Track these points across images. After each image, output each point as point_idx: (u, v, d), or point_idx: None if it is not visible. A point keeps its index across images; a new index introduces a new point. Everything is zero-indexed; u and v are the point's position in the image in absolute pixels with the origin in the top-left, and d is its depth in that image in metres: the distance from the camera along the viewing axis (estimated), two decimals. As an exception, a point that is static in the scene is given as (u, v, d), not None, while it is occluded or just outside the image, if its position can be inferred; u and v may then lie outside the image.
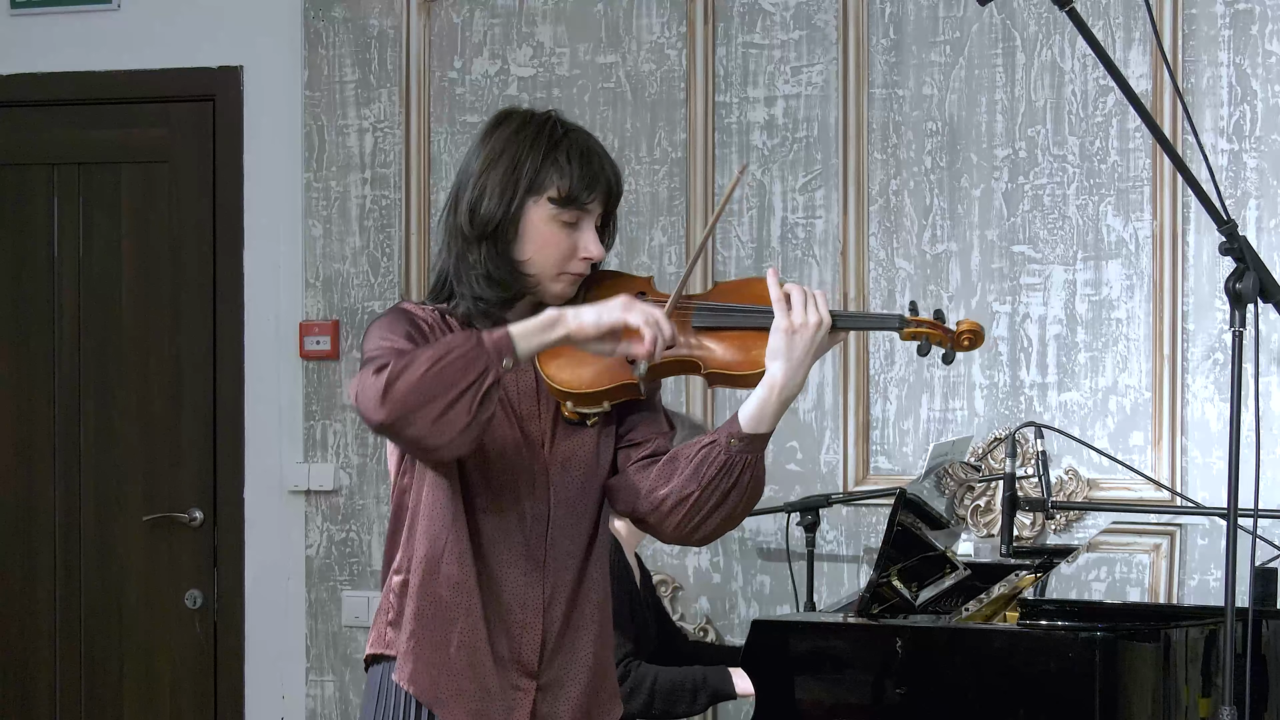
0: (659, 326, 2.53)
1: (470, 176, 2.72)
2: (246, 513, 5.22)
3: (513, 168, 2.68)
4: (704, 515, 2.65)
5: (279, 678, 5.21)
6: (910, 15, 4.76)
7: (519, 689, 2.71)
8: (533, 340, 2.53)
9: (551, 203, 2.67)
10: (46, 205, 5.36)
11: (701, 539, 2.71)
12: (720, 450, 2.61)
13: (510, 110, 2.78)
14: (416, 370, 2.49)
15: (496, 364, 2.49)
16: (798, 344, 2.59)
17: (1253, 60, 4.53)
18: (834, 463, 4.79)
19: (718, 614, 4.89)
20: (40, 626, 5.36)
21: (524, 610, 2.71)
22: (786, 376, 2.59)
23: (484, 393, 2.49)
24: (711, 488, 2.62)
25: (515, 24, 5.04)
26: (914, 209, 4.76)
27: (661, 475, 2.66)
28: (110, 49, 5.28)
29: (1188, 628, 3.29)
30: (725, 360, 2.65)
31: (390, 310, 2.76)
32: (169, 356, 5.28)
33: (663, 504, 2.66)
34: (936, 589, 3.82)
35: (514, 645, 2.71)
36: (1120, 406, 4.61)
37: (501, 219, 2.67)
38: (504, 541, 2.70)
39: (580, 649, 2.76)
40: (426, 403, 2.48)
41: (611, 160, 2.74)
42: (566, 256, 2.70)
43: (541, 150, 2.68)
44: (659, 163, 4.92)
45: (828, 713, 3.48)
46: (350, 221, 5.14)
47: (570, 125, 2.74)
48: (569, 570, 2.74)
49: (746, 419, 2.61)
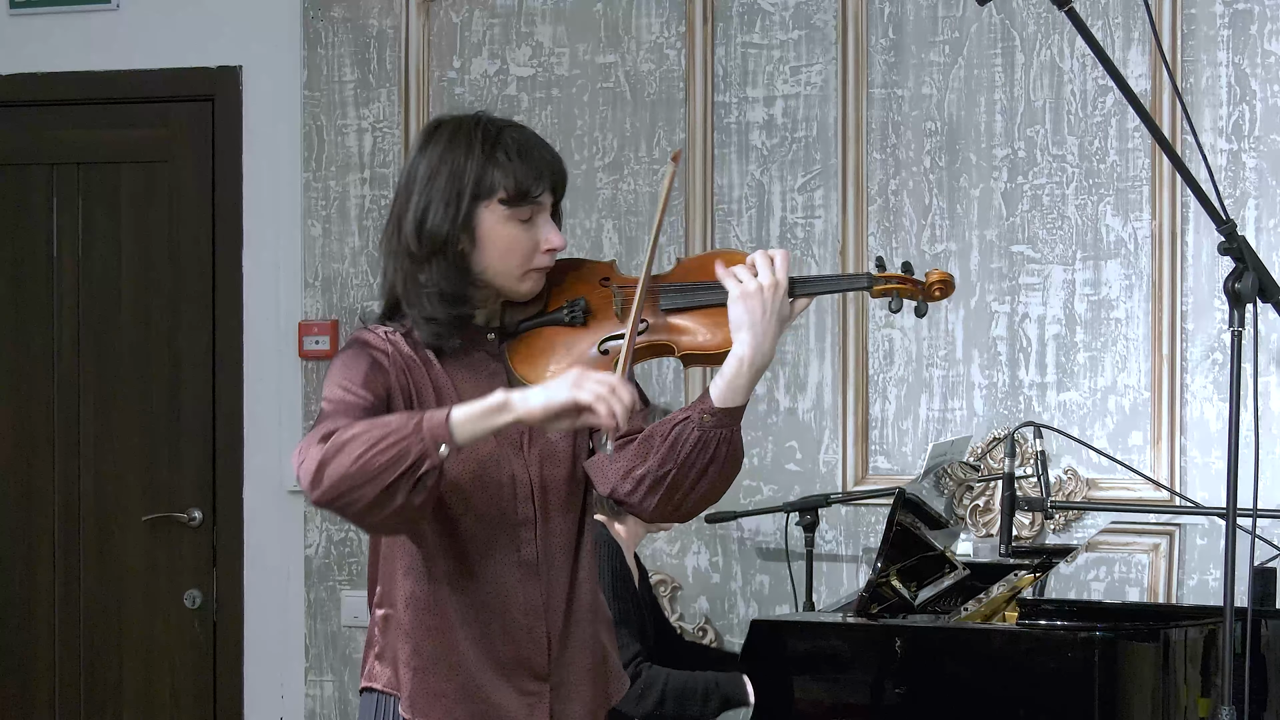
0: (614, 396, 2.43)
1: (411, 193, 2.64)
2: (246, 512, 5.22)
3: (455, 176, 2.60)
4: (684, 492, 2.60)
5: (278, 677, 5.21)
6: (909, 15, 4.76)
7: (532, 694, 2.70)
8: (476, 425, 2.44)
9: (503, 204, 2.61)
10: (46, 205, 5.36)
11: (684, 516, 2.67)
12: (694, 426, 2.56)
13: (439, 120, 2.71)
14: (350, 454, 2.43)
15: (433, 451, 2.41)
16: (755, 310, 2.54)
17: (1252, 60, 4.53)
18: (833, 462, 4.79)
19: (717, 614, 4.89)
20: (40, 626, 5.36)
21: (526, 615, 2.69)
22: (753, 347, 2.54)
23: (417, 480, 2.43)
24: (688, 465, 2.57)
25: (514, 24, 5.04)
26: (913, 209, 4.76)
27: (638, 454, 2.60)
28: (110, 49, 5.28)
29: (1187, 627, 3.29)
30: (697, 341, 2.61)
31: (349, 344, 2.68)
32: (168, 356, 5.28)
33: (640, 483, 2.60)
34: (935, 589, 3.82)
35: (521, 652, 2.69)
36: (1119, 406, 4.61)
37: (450, 231, 2.60)
38: (495, 550, 2.67)
39: (583, 643, 2.75)
40: (358, 488, 2.43)
41: (550, 147, 2.68)
42: (529, 254, 2.64)
43: (479, 153, 2.61)
44: (658, 163, 4.92)
45: (827, 712, 3.49)
46: (349, 221, 5.14)
47: (503, 121, 2.67)
48: (563, 567, 2.73)
49: (718, 394, 2.56)
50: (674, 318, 2.63)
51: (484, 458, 2.65)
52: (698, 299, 2.62)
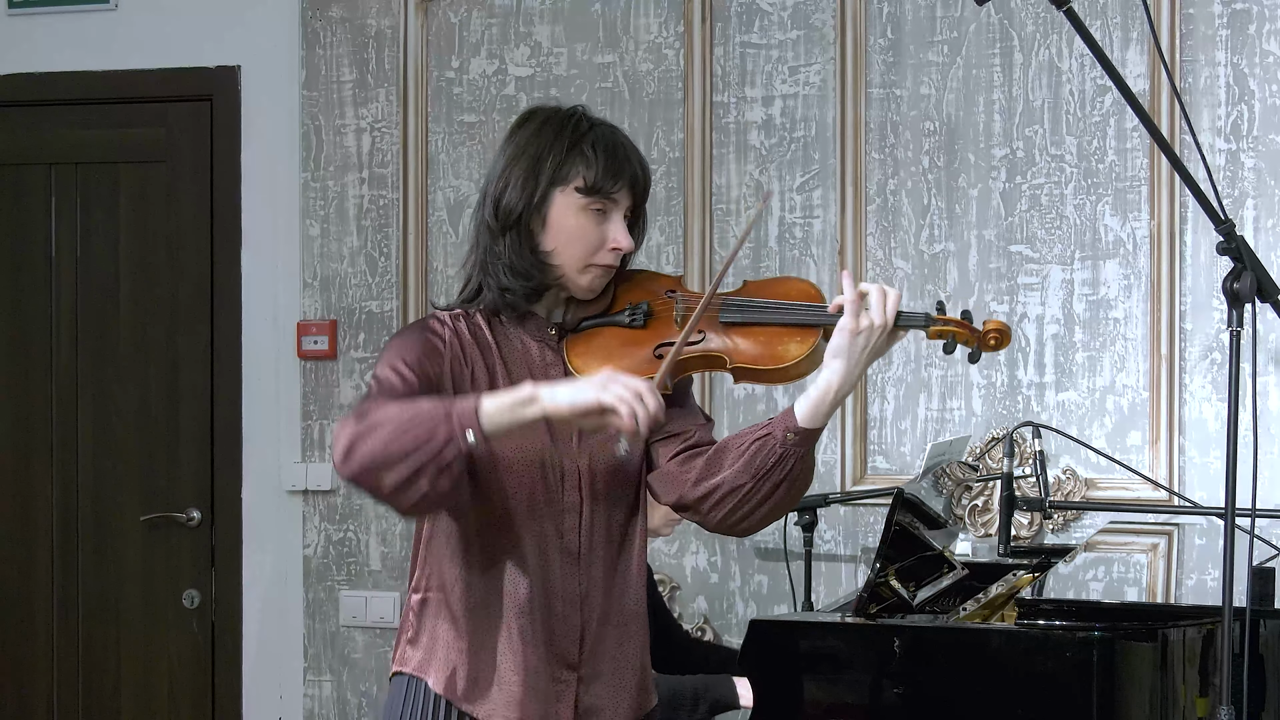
0: (640, 401, 2.47)
1: (496, 172, 2.73)
2: (244, 512, 5.22)
3: (537, 160, 2.69)
4: (754, 506, 2.66)
5: (276, 677, 5.20)
6: (908, 15, 4.76)
7: (561, 681, 2.73)
8: (504, 416, 2.49)
9: (578, 192, 2.68)
10: (44, 205, 5.36)
11: (747, 529, 2.72)
12: (776, 443, 2.62)
13: (537, 107, 2.80)
14: (380, 436, 2.48)
15: (461, 437, 2.47)
16: (860, 345, 2.60)
17: (1250, 60, 4.53)
18: (832, 462, 4.79)
19: (715, 614, 4.89)
20: (38, 626, 5.36)
21: (563, 603, 2.72)
22: (844, 375, 2.60)
23: (444, 467, 2.47)
24: (764, 479, 2.63)
25: (513, 24, 5.04)
26: (911, 209, 4.76)
27: (711, 465, 2.68)
28: (108, 49, 5.28)
29: (1185, 627, 3.29)
30: (752, 355, 2.65)
31: (413, 324, 2.78)
32: (167, 356, 5.28)
33: (713, 493, 2.67)
34: (934, 589, 3.82)
35: (552, 638, 2.72)
36: (1118, 406, 4.61)
37: (524, 209, 2.68)
38: (538, 535, 2.70)
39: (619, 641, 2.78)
40: (385, 469, 2.48)
41: (639, 153, 2.75)
42: (594, 247, 2.70)
43: (566, 142, 2.69)
44: (656, 163, 4.92)
45: (826, 712, 3.48)
46: (348, 221, 5.14)
47: (596, 120, 2.75)
48: (606, 561, 2.76)
49: (803, 414, 2.62)
50: (732, 332, 2.68)
51: (534, 441, 2.68)
52: (759, 316, 2.67)
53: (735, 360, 2.66)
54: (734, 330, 2.68)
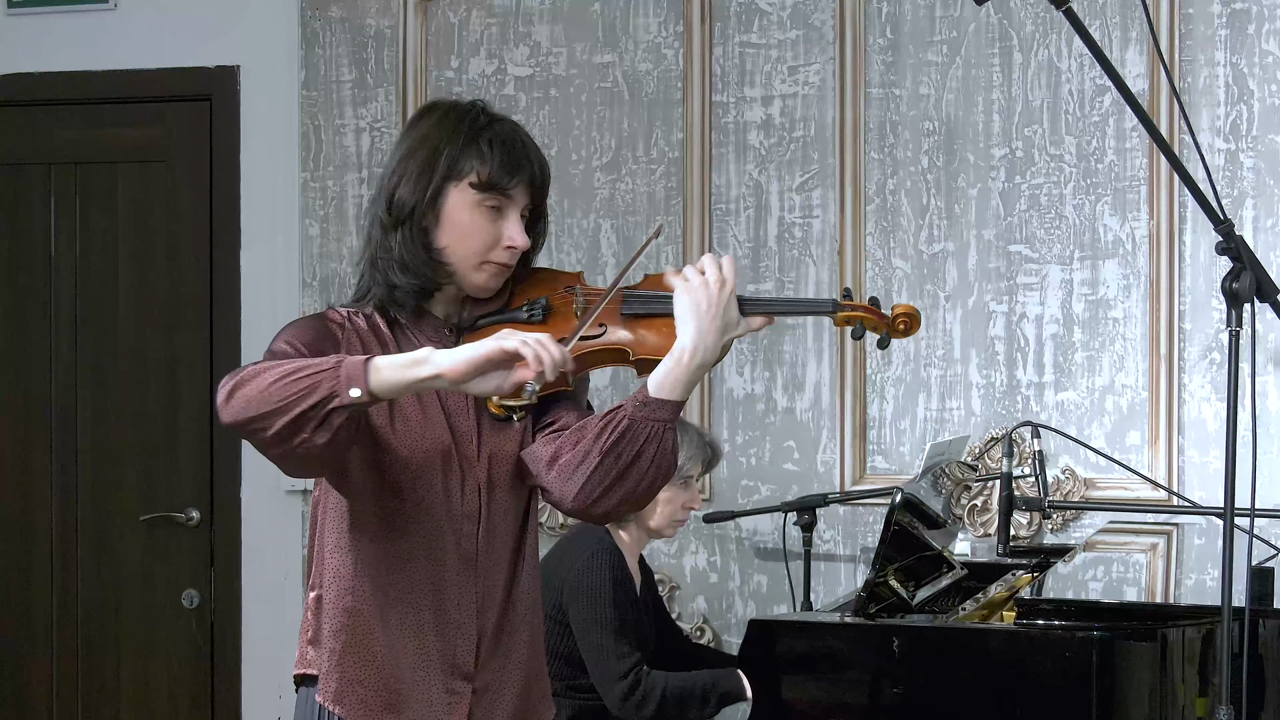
0: (543, 346, 2.42)
1: (392, 165, 2.67)
2: (244, 512, 5.22)
3: (433, 153, 2.62)
4: (605, 485, 2.54)
5: (276, 678, 5.20)
6: (907, 15, 4.76)
7: (455, 693, 2.64)
8: (395, 374, 2.42)
9: (473, 188, 2.61)
10: (43, 205, 5.36)
11: (603, 513, 2.60)
12: (624, 415, 2.52)
13: (436, 101, 2.76)
14: (264, 380, 2.44)
15: (344, 390, 2.40)
16: (700, 302, 2.51)
17: (1249, 60, 4.53)
18: (831, 462, 4.79)
19: (715, 614, 4.89)
20: (37, 626, 5.35)
21: (458, 611, 2.64)
22: (695, 340, 2.51)
23: (324, 418, 2.41)
24: (613, 454, 2.52)
25: (512, 24, 5.04)
26: (911, 209, 4.76)
27: (566, 443, 2.57)
28: (107, 49, 5.28)
29: (1184, 627, 3.29)
30: (653, 346, 2.59)
31: (310, 315, 2.72)
32: (166, 356, 5.28)
33: (563, 470, 2.56)
34: (933, 589, 3.82)
35: (448, 648, 2.63)
36: (1117, 406, 4.61)
37: (417, 204, 2.61)
38: (434, 542, 2.62)
39: (515, 650, 2.69)
40: (265, 415, 2.44)
41: (539, 151, 2.68)
42: (489, 245, 2.62)
43: (463, 136, 2.62)
44: (656, 162, 4.92)
45: (825, 712, 3.49)
46: (347, 221, 5.14)
47: (496, 115, 2.68)
48: (501, 570, 2.67)
49: (653, 383, 2.52)
50: (633, 324, 2.62)
51: (435, 444, 2.62)
52: (658, 307, 2.60)
53: (638, 352, 2.59)
54: (635, 322, 2.61)
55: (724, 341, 2.54)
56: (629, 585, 4.09)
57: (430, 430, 2.62)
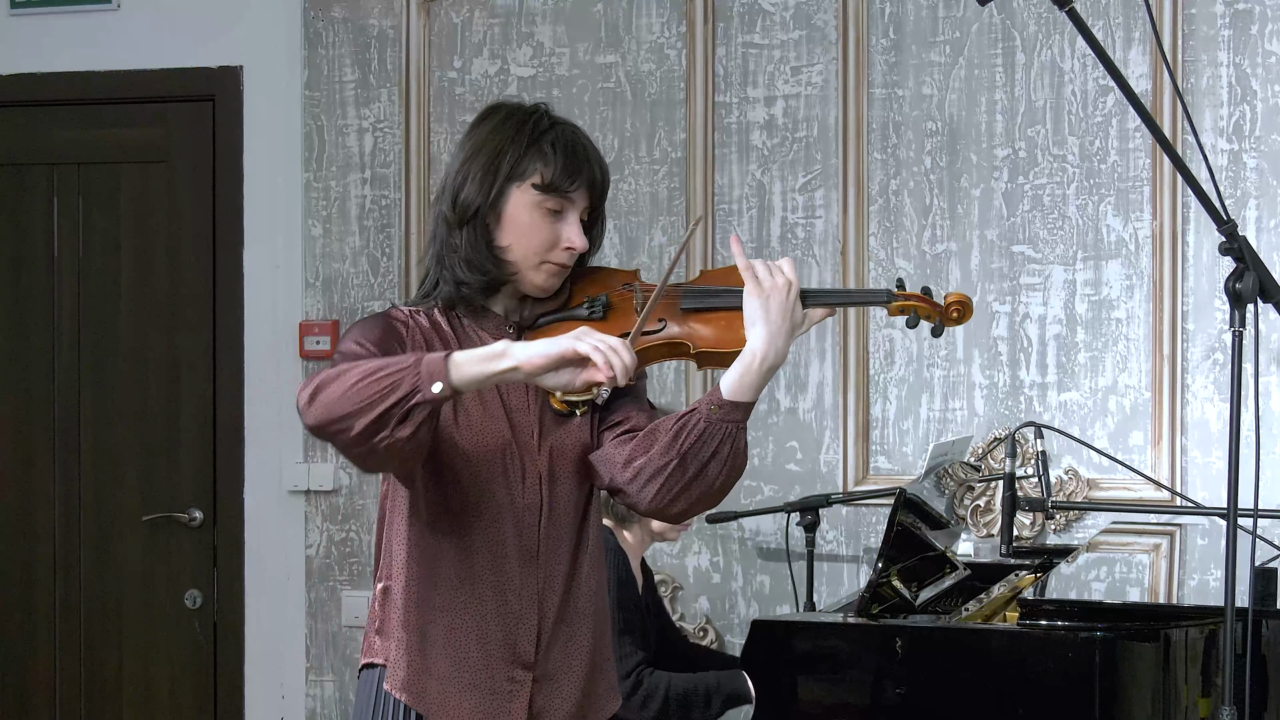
0: (615, 352, 2.49)
1: (456, 166, 2.74)
2: (246, 513, 5.22)
3: (496, 155, 2.69)
4: (682, 486, 2.62)
5: (278, 678, 5.21)
6: (910, 15, 4.76)
7: (516, 681, 2.70)
8: (474, 368, 2.48)
9: (535, 189, 2.67)
10: (46, 205, 5.36)
11: (679, 513, 2.68)
12: (700, 418, 2.59)
13: (499, 103, 2.81)
14: (346, 381, 2.49)
15: (426, 386, 2.46)
16: (772, 308, 2.58)
17: (1252, 60, 4.53)
18: (834, 462, 4.79)
19: (717, 614, 4.89)
20: (39, 626, 5.36)
21: (519, 601, 2.69)
22: (765, 342, 2.57)
23: (406, 413, 2.47)
24: (690, 457, 2.59)
25: (515, 24, 5.04)
26: (913, 209, 4.76)
27: (640, 446, 2.64)
28: (110, 49, 5.28)
29: (1187, 628, 3.29)
30: (713, 339, 2.64)
31: (374, 313, 2.78)
32: (168, 356, 5.28)
33: (640, 474, 2.63)
34: (936, 589, 3.82)
35: (509, 637, 2.69)
36: (1120, 406, 4.61)
37: (482, 204, 2.68)
38: (495, 533, 2.68)
39: (576, 641, 2.75)
40: (348, 415, 2.48)
41: (599, 155, 2.74)
42: (548, 245, 2.69)
43: (526, 139, 2.69)
44: (659, 163, 4.92)
45: (827, 712, 3.48)
46: (350, 221, 5.14)
47: (559, 118, 2.75)
48: (562, 561, 2.73)
49: (728, 386, 2.59)
50: (692, 319, 2.67)
51: (496, 439, 2.68)
52: (716, 301, 2.66)
53: (698, 345, 2.64)
54: (694, 317, 2.67)
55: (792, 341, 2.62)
56: (632, 586, 4.09)
57: (491, 424, 2.68)
